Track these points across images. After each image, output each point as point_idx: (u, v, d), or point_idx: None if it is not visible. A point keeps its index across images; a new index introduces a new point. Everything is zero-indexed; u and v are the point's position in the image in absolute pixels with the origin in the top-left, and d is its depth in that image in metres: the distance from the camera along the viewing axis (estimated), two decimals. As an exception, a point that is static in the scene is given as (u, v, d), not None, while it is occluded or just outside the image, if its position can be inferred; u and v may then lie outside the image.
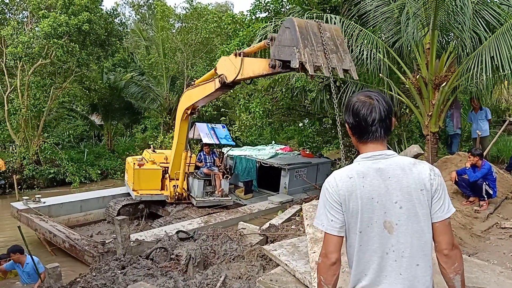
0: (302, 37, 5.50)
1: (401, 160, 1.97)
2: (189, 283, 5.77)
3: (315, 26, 5.75)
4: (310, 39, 5.57)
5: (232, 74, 7.50)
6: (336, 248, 1.98)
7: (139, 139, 23.65)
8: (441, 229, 1.94)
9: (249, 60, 7.16)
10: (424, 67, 8.64)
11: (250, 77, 7.29)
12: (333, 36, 5.84)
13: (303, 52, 5.39)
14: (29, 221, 9.65)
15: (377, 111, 1.95)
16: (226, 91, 8.83)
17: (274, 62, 6.06)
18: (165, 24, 22.06)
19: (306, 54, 5.38)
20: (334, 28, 6.08)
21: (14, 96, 18.66)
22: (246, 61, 7.15)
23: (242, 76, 7.29)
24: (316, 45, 5.57)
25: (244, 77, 7.34)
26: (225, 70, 7.77)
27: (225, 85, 8.00)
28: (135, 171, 11.17)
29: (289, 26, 5.66)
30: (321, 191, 2.04)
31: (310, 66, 5.36)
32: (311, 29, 5.66)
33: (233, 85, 8.28)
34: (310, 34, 5.61)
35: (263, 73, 6.78)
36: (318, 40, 5.65)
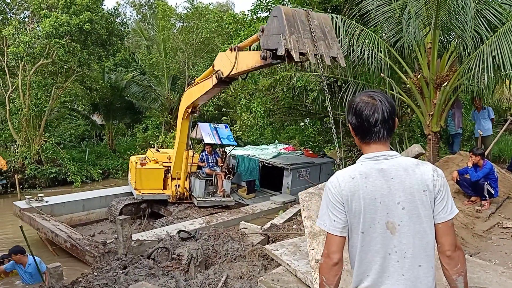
0: (289, 25, 5.49)
1: (404, 161, 1.97)
2: (191, 283, 5.77)
3: (303, 14, 5.74)
4: (297, 27, 5.56)
5: (228, 69, 7.54)
6: (338, 248, 1.98)
7: (140, 139, 23.67)
8: (443, 230, 1.93)
9: (242, 54, 7.18)
10: (425, 67, 8.63)
11: (244, 70, 7.29)
12: (321, 24, 5.83)
13: (289, 39, 5.38)
14: (31, 220, 9.67)
15: (380, 112, 1.94)
16: (223, 88, 8.85)
17: (265, 53, 6.07)
18: (166, 23, 22.08)
19: (292, 41, 5.37)
20: (323, 16, 6.06)
21: (15, 96, 18.68)
22: (240, 55, 7.17)
23: (237, 70, 7.30)
24: (303, 33, 5.56)
25: (239, 71, 7.35)
26: (221, 66, 7.80)
27: (222, 81, 8.01)
28: (137, 170, 11.20)
29: (277, 15, 5.67)
30: (324, 192, 2.04)
31: (295, 52, 5.35)
32: (299, 17, 5.66)
33: (229, 81, 8.29)
34: (297, 21, 5.60)
35: (256, 66, 6.77)
36: (306, 28, 5.65)
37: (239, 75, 7.81)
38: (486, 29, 8.16)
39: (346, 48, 8.82)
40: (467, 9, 7.79)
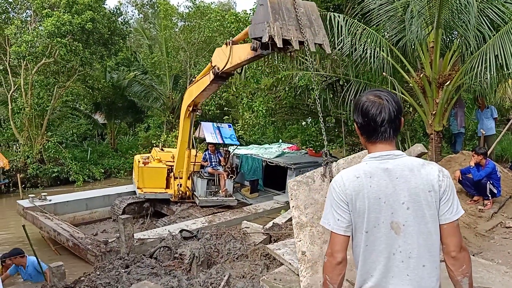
0: (273, 12, 5.49)
1: (409, 161, 1.96)
2: (193, 282, 5.77)
3: (289, 2, 5.74)
4: (282, 14, 5.57)
5: (223, 63, 7.59)
6: (342, 248, 1.97)
7: (142, 138, 23.69)
8: (449, 231, 1.92)
9: (236, 47, 7.22)
10: (428, 66, 8.61)
11: (238, 64, 7.32)
12: (307, 11, 5.82)
13: (273, 26, 5.38)
14: (34, 219, 9.71)
15: (387, 112, 1.93)
16: (220, 84, 8.88)
17: (254, 43, 6.08)
18: (168, 23, 22.07)
19: (275, 28, 5.37)
20: (309, 4, 6.05)
21: (18, 95, 18.72)
22: (234, 48, 7.22)
23: (231, 64, 7.34)
24: (288, 20, 5.57)
25: (233, 65, 7.38)
26: (217, 61, 7.85)
27: (218, 76, 8.05)
28: (139, 169, 11.28)
29: (263, 3, 5.68)
30: (328, 191, 2.04)
31: (278, 39, 5.34)
32: (284, 5, 5.67)
33: (226, 76, 8.33)
34: (282, 9, 5.61)
35: (248, 58, 6.79)
36: (292, 15, 5.65)
37: (234, 69, 7.85)
38: (489, 28, 8.12)
39: (348, 47, 8.81)
40: (470, 8, 7.76)
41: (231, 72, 8.25)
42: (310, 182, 4.90)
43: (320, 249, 4.60)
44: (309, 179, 4.93)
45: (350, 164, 4.52)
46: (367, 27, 8.80)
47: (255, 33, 5.80)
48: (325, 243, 4.48)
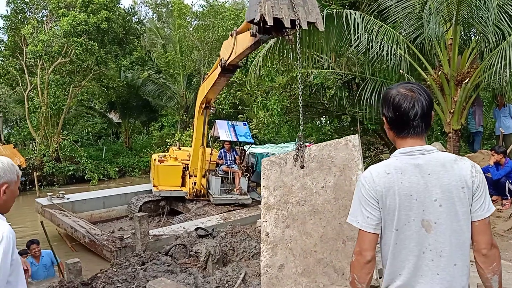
0: None
1: (441, 156, 1.90)
2: (209, 279, 5.76)
3: None
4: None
5: (228, 54, 7.61)
6: (371, 246, 1.91)
7: (156, 137, 23.83)
8: (480, 228, 1.87)
9: (239, 36, 7.22)
10: (446, 63, 8.48)
11: (242, 53, 7.29)
12: None
13: (264, 5, 5.35)
14: (52, 216, 9.85)
15: (420, 105, 1.87)
16: (229, 77, 8.89)
17: (253, 29, 6.05)
18: (182, 22, 22.15)
19: (266, 6, 5.33)
20: None
21: (34, 94, 18.97)
22: (238, 38, 7.22)
23: (235, 54, 7.33)
24: None
25: (238, 55, 7.37)
26: (224, 53, 7.88)
27: (225, 68, 8.06)
28: (155, 167, 11.41)
29: None
30: (356, 187, 1.98)
31: (269, 17, 5.29)
32: None
33: (233, 68, 8.32)
34: None
35: (250, 45, 6.74)
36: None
37: (239, 59, 7.85)
38: (508, 25, 7.96)
39: (364, 45, 8.72)
40: (489, 4, 7.63)
41: (237, 64, 8.28)
42: (282, 164, 4.90)
43: (282, 233, 4.70)
44: (281, 161, 4.92)
45: (321, 151, 4.60)
46: (384, 24, 8.70)
47: (250, 16, 5.78)
48: (288, 227, 4.65)
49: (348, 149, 4.49)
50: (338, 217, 4.45)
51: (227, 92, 19.45)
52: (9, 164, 2.11)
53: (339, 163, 4.53)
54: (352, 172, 4.42)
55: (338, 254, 4.39)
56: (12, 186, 2.12)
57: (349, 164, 4.46)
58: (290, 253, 4.69)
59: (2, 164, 2.08)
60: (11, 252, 1.92)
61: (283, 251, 4.73)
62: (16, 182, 2.16)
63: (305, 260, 4.57)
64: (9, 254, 1.90)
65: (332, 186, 4.53)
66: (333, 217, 4.49)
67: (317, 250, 4.50)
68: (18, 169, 2.21)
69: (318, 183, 4.61)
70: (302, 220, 4.67)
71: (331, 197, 4.52)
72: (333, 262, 4.41)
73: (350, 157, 4.46)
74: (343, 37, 8.83)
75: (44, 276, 7.17)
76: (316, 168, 4.70)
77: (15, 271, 1.98)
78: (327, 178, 4.58)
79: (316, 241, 4.50)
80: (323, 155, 4.64)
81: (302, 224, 4.65)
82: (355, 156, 4.40)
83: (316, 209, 4.61)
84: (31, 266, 6.96)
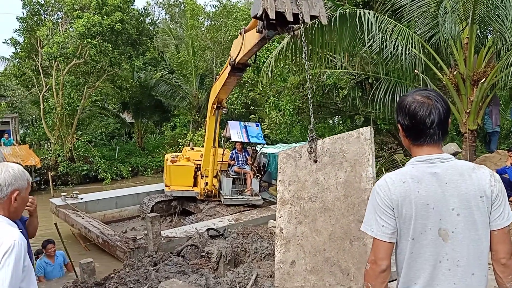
0: None
1: (459, 165, 1.86)
2: (220, 280, 5.74)
3: None
4: None
5: (236, 52, 7.61)
6: (386, 255, 1.87)
7: (168, 137, 23.95)
8: (499, 237, 1.83)
9: (247, 34, 7.22)
10: (462, 63, 8.34)
11: (250, 50, 7.27)
12: None
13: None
14: (66, 216, 9.96)
15: (437, 113, 1.82)
16: (238, 76, 8.87)
17: (259, 25, 6.02)
18: (195, 22, 22.22)
19: (269, 0, 5.29)
20: None
21: (49, 95, 19.21)
22: (246, 36, 7.20)
23: (244, 52, 7.32)
24: None
25: (246, 53, 7.35)
26: (233, 51, 7.88)
27: (235, 67, 8.06)
28: (167, 167, 11.48)
29: None
30: (371, 195, 1.94)
31: (271, 10, 5.25)
32: None
33: (242, 67, 8.31)
34: None
35: (257, 41, 6.71)
36: None
37: (248, 57, 7.83)
38: (526, 23, 7.80)
39: (378, 44, 8.62)
40: (506, 2, 7.48)
41: (246, 63, 8.26)
42: (297, 157, 4.86)
43: (294, 229, 4.73)
44: (296, 154, 4.87)
45: (334, 145, 4.52)
46: (398, 23, 8.58)
47: (254, 11, 5.76)
48: (300, 224, 4.68)
49: (360, 143, 4.37)
50: (347, 215, 4.38)
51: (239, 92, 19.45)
52: (20, 171, 2.12)
53: (350, 157, 4.44)
54: (362, 168, 4.33)
55: (345, 254, 4.35)
56: (23, 192, 2.13)
57: (360, 159, 4.35)
58: (301, 250, 4.68)
59: (13, 171, 2.08)
60: (23, 259, 1.92)
61: (295, 248, 4.73)
62: (27, 188, 2.17)
63: (314, 258, 4.55)
64: (21, 261, 1.90)
65: (343, 183, 4.46)
66: (342, 215, 4.43)
67: (326, 249, 4.48)
68: (29, 175, 2.21)
69: (330, 178, 4.56)
70: (313, 217, 4.65)
71: (341, 194, 4.45)
72: (340, 262, 4.37)
73: (361, 152, 4.34)
74: (356, 37, 8.73)
75: (59, 275, 7.28)
76: (329, 163, 4.63)
77: (27, 277, 1.98)
78: (338, 173, 4.51)
79: (325, 240, 4.48)
80: (336, 148, 4.55)
81: (313, 221, 4.63)
82: (366, 151, 4.28)
83: (326, 206, 4.56)
84: (46, 266, 7.07)
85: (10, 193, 2.05)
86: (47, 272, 7.18)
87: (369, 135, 4.39)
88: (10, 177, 2.05)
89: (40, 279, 6.97)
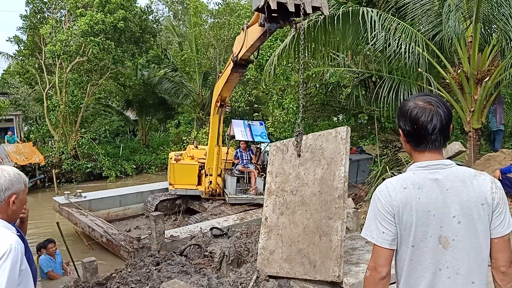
0: None
1: (460, 171, 1.84)
2: (223, 281, 5.73)
3: None
4: None
5: (239, 47, 7.62)
6: (387, 262, 1.86)
7: (173, 134, 23.96)
8: (500, 245, 1.82)
9: (249, 29, 7.22)
10: (466, 61, 8.28)
11: (252, 45, 7.25)
12: None
13: None
14: (70, 215, 9.96)
15: (439, 119, 1.80)
16: (241, 73, 8.86)
17: (262, 19, 6.00)
18: (198, 20, 22.18)
19: None
20: None
21: (53, 93, 19.25)
22: (248, 31, 7.21)
23: (246, 47, 7.31)
24: None
25: (248, 48, 7.34)
26: (236, 48, 7.88)
27: (237, 64, 8.05)
28: (171, 165, 11.49)
29: None
30: (372, 200, 1.92)
31: (273, 1, 5.22)
32: None
33: (245, 63, 8.30)
34: None
35: (260, 36, 6.69)
36: None
37: (250, 53, 7.82)
38: (531, 21, 7.72)
39: (381, 42, 8.56)
40: (510, 0, 7.40)
41: (249, 59, 8.25)
42: (285, 150, 5.13)
43: (276, 219, 5.11)
44: (284, 147, 5.14)
45: (316, 141, 4.80)
46: (401, 21, 8.52)
47: (255, 3, 5.74)
48: (282, 215, 5.08)
49: (337, 142, 4.63)
50: (320, 211, 4.67)
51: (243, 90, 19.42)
52: (16, 174, 2.12)
53: (328, 155, 4.69)
54: (336, 166, 4.58)
55: (314, 247, 4.64)
56: (21, 195, 2.14)
57: (335, 158, 4.60)
58: (280, 239, 5.09)
59: (9, 175, 2.09)
60: (20, 263, 1.92)
61: (275, 237, 5.14)
62: (24, 190, 2.18)
63: (290, 248, 4.92)
64: (18, 265, 1.90)
65: (319, 179, 4.73)
66: (316, 211, 4.72)
67: (300, 240, 4.81)
68: (25, 177, 2.22)
69: (309, 174, 4.84)
70: (292, 210, 4.99)
71: (317, 190, 4.73)
72: (309, 254, 4.68)
73: (337, 150, 4.58)
74: (359, 35, 8.68)
75: (60, 273, 7.30)
76: (309, 159, 4.90)
77: (24, 281, 1.98)
78: (317, 170, 4.78)
79: (300, 232, 4.82)
80: (316, 145, 4.85)
81: (292, 213, 4.97)
82: (341, 150, 4.54)
83: (304, 201, 4.87)
84: (49, 262, 7.11)
85: (8, 197, 2.06)
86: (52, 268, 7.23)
87: (345, 135, 4.59)
88: (7, 182, 2.06)
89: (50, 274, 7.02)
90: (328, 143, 4.71)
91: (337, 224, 4.44)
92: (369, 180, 10.48)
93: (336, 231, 4.42)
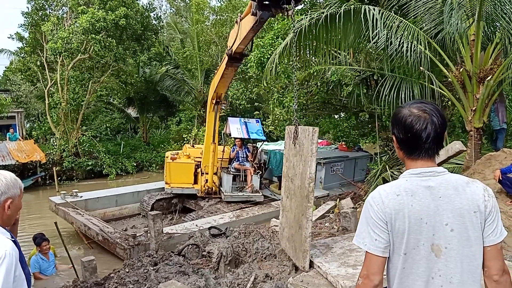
0: None
1: (453, 179, 1.82)
2: (220, 281, 5.69)
3: None
4: None
5: (232, 40, 7.65)
6: (379, 270, 1.83)
7: (174, 132, 23.93)
8: (492, 253, 1.79)
9: (242, 21, 7.27)
10: (468, 60, 8.19)
11: (245, 37, 7.29)
12: None
13: None
14: (66, 214, 9.92)
15: (433, 128, 1.78)
16: (236, 67, 8.85)
17: (254, 8, 6.01)
18: (200, 17, 22.11)
19: None
20: None
21: (54, 90, 19.24)
22: (242, 22, 7.27)
23: (240, 39, 7.33)
24: None
25: (242, 40, 7.38)
26: (230, 42, 7.86)
27: (232, 57, 8.03)
28: (167, 164, 11.49)
29: None
30: (364, 207, 1.89)
31: None
32: None
33: (240, 57, 8.28)
34: None
35: (253, 26, 6.75)
36: None
37: (244, 45, 7.83)
38: (534, 20, 7.62)
39: (383, 41, 8.48)
40: (513, -2, 7.31)
41: (243, 52, 8.25)
42: (289, 136, 5.36)
43: (285, 201, 5.54)
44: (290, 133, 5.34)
45: (301, 134, 4.95)
46: (403, 19, 8.43)
47: None
48: (287, 198, 5.44)
49: (310, 141, 4.74)
50: (300, 204, 4.96)
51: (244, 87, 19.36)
52: (12, 179, 2.13)
53: (304, 152, 4.85)
54: (306, 166, 4.79)
55: (296, 236, 5.01)
56: (16, 200, 2.14)
57: (307, 158, 4.76)
58: (286, 220, 5.51)
59: (5, 179, 2.09)
60: (14, 269, 1.93)
61: (284, 217, 5.59)
62: (20, 195, 2.18)
63: (290, 230, 5.31)
64: (12, 271, 1.91)
65: (300, 174, 4.97)
66: (299, 203, 4.99)
67: (292, 226, 5.19)
68: (21, 182, 2.21)
69: (297, 167, 5.08)
70: (291, 197, 5.28)
71: (299, 183, 4.98)
72: (295, 240, 5.08)
73: (309, 149, 4.74)
74: (361, 33, 8.60)
75: (54, 272, 7.29)
76: (297, 152, 5.08)
77: (18, 287, 1.98)
78: (300, 164, 5.00)
79: (292, 218, 5.19)
80: (301, 139, 5.02)
81: (291, 199, 5.27)
82: (312, 150, 4.70)
83: (295, 191, 5.15)
84: (42, 261, 7.09)
85: (4, 201, 2.06)
86: (43, 269, 7.21)
87: (314, 136, 4.59)
88: (3, 186, 2.06)
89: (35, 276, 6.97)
90: (305, 140, 4.88)
91: (304, 221, 4.83)
92: (368, 179, 10.43)
93: (305, 227, 4.82)
